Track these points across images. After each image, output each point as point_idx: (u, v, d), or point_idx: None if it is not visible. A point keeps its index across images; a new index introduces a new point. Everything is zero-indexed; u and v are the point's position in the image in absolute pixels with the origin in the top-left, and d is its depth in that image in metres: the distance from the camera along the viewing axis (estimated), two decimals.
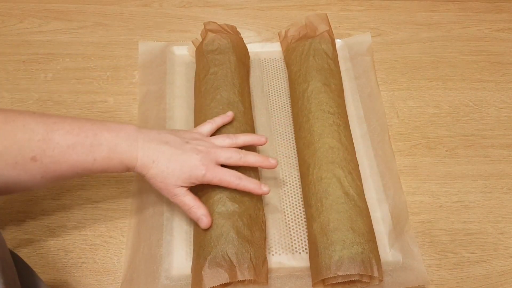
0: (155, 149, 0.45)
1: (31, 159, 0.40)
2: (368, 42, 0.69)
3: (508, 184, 0.59)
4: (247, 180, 0.48)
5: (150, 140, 0.45)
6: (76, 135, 0.42)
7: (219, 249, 0.45)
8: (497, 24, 0.77)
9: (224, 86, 0.57)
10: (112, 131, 0.44)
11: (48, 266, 0.49)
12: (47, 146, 0.40)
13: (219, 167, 0.47)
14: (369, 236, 0.48)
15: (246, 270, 0.45)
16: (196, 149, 0.46)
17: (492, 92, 0.68)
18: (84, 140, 0.42)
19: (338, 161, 0.52)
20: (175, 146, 0.46)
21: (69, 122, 0.42)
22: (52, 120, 0.42)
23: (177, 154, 0.45)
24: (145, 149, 0.44)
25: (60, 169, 0.41)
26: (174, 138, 0.47)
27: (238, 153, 0.48)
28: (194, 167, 0.45)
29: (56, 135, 0.41)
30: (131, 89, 0.64)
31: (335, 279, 0.46)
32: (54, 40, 0.69)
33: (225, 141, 0.50)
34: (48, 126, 0.41)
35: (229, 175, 0.47)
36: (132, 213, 0.53)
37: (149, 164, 0.45)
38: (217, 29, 0.63)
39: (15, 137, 0.39)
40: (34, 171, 0.40)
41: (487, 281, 0.52)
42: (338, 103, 0.58)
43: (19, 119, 0.40)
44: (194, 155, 0.46)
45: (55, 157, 0.41)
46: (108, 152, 0.43)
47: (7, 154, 0.39)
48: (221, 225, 0.47)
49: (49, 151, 0.40)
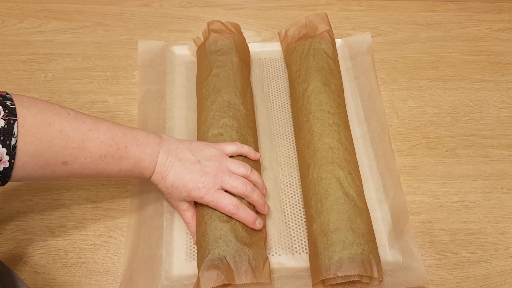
0: (168, 166, 0.47)
1: (62, 163, 0.41)
2: (368, 42, 0.69)
3: (508, 184, 0.59)
4: (244, 213, 0.48)
5: (167, 155, 0.47)
6: (110, 147, 0.43)
7: (216, 252, 0.45)
8: (497, 24, 0.77)
9: (226, 88, 0.57)
10: (140, 145, 0.46)
11: (48, 266, 0.49)
12: (80, 154, 0.42)
13: (220, 192, 0.48)
14: (369, 236, 0.48)
15: (244, 274, 0.45)
16: (203, 171, 0.48)
17: (492, 92, 0.68)
18: (115, 152, 0.44)
19: (338, 161, 0.52)
20: (185, 165, 0.47)
21: (104, 130, 0.44)
22: (88, 127, 0.42)
23: (183, 174, 0.47)
24: (160, 165, 0.47)
25: (87, 173, 0.44)
26: (188, 155, 0.48)
27: (246, 186, 0.49)
28: (194, 189, 0.47)
29: (90, 144, 0.42)
30: (131, 89, 0.64)
31: (335, 280, 0.46)
32: (54, 40, 0.69)
33: (240, 169, 0.50)
34: (83, 134, 0.42)
35: (226, 203, 0.47)
36: (132, 213, 0.53)
37: (159, 180, 0.47)
38: (220, 29, 0.63)
39: (51, 143, 0.40)
40: (62, 173, 0.42)
41: (487, 281, 0.52)
42: (338, 103, 0.58)
43: (56, 123, 0.40)
44: (198, 176, 0.47)
45: (86, 164, 0.43)
46: (133, 165, 0.46)
47: (40, 156, 0.40)
48: (220, 228, 0.47)
49: (82, 158, 0.42)
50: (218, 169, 0.48)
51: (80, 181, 0.55)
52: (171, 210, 0.53)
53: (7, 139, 0.37)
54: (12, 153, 0.38)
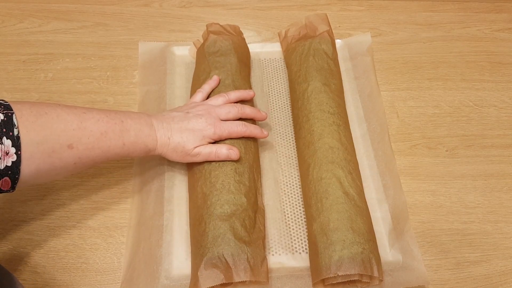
0: (167, 127, 0.50)
1: (68, 147, 0.42)
2: (368, 42, 0.69)
3: (508, 184, 0.59)
4: (252, 127, 0.53)
5: (161, 121, 0.50)
6: (107, 123, 0.45)
7: (215, 250, 0.45)
8: (497, 24, 0.77)
9: (224, 89, 0.57)
10: (134, 118, 0.48)
11: (48, 266, 0.49)
12: (82, 134, 0.43)
13: (224, 122, 0.52)
14: (369, 236, 0.48)
15: (243, 271, 0.45)
16: (198, 115, 0.51)
17: (492, 92, 0.68)
18: (114, 127, 0.46)
19: (338, 161, 0.52)
20: (180, 119, 0.51)
21: (96, 111, 0.46)
22: (81, 111, 0.45)
23: (184, 124, 0.50)
24: (160, 130, 0.49)
25: (93, 154, 0.45)
26: (176, 113, 0.52)
27: (235, 106, 0.53)
28: (203, 129, 0.51)
29: (89, 123, 0.44)
30: (131, 89, 0.64)
31: (335, 279, 0.46)
32: (54, 40, 0.69)
33: (219, 100, 0.54)
34: (79, 116, 0.44)
35: (235, 125, 0.52)
36: (132, 213, 0.53)
37: (166, 141, 0.49)
38: (219, 31, 0.63)
39: (52, 128, 0.41)
40: (69, 158, 0.43)
41: (487, 281, 0.52)
42: (338, 103, 0.58)
43: (51, 111, 0.42)
44: (198, 119, 0.51)
45: (90, 143, 0.44)
46: (135, 136, 0.47)
47: (46, 143, 0.41)
48: (218, 227, 0.47)
49: (85, 138, 0.43)
50: (208, 108, 0.53)
51: (80, 181, 0.55)
52: (171, 209, 0.53)
53: (9, 130, 0.38)
54: (17, 144, 0.38)
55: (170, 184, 0.55)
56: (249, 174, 0.52)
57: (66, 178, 0.55)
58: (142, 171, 0.56)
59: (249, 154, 0.53)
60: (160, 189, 0.54)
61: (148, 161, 0.57)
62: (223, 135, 0.52)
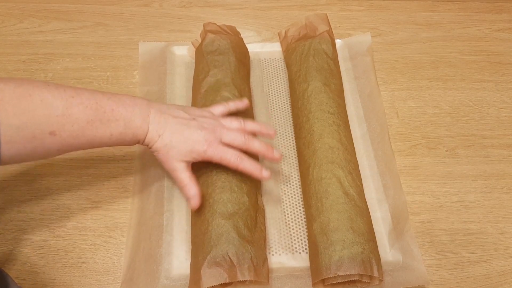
0: (163, 123, 0.46)
1: (50, 134, 0.40)
2: (368, 42, 0.69)
3: (508, 184, 0.59)
4: (248, 162, 0.48)
5: (160, 114, 0.47)
6: (95, 110, 0.42)
7: (219, 249, 0.45)
8: (497, 24, 0.77)
9: (224, 87, 0.57)
10: (128, 106, 0.45)
11: (48, 266, 0.49)
12: (66, 121, 0.41)
13: (221, 146, 0.48)
14: (369, 236, 0.48)
15: (247, 271, 0.45)
16: (201, 126, 0.47)
17: (492, 92, 0.68)
18: (102, 116, 0.43)
19: (338, 161, 0.52)
20: (181, 121, 0.47)
21: (87, 96, 0.43)
22: (70, 94, 0.42)
23: (182, 129, 0.47)
24: (155, 123, 0.46)
25: (78, 143, 0.42)
26: (182, 113, 0.48)
27: (244, 136, 0.49)
28: (196, 142, 0.46)
29: (75, 110, 0.41)
30: (131, 89, 0.64)
31: (335, 279, 0.46)
32: (54, 40, 0.69)
33: (233, 123, 0.50)
34: (66, 101, 0.41)
35: (230, 154, 0.47)
36: (132, 213, 0.53)
37: (155, 137, 0.46)
38: (216, 30, 0.63)
39: (34, 113, 0.39)
40: (52, 144, 0.41)
41: (487, 281, 0.52)
42: (338, 103, 0.58)
43: (36, 93, 0.39)
44: (198, 131, 0.47)
45: (74, 131, 0.41)
46: (124, 127, 0.44)
47: (26, 129, 0.39)
48: (222, 225, 0.47)
49: (69, 126, 0.41)
50: (215, 124, 0.49)
51: (80, 181, 0.55)
52: (171, 209, 0.53)
53: None
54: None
55: (170, 184, 0.55)
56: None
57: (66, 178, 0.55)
58: (143, 171, 0.56)
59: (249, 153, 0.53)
60: (160, 189, 0.54)
61: (148, 161, 0.57)
62: (214, 158, 0.47)
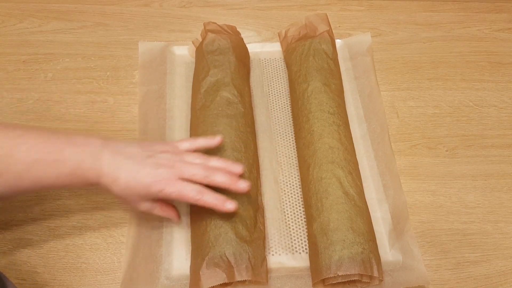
0: (118, 165, 0.43)
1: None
2: (368, 42, 0.69)
3: (508, 184, 0.59)
4: (209, 196, 0.45)
5: (115, 155, 0.44)
6: (40, 150, 0.41)
7: (217, 249, 0.45)
8: (497, 24, 0.77)
9: (224, 87, 0.57)
10: (78, 146, 0.43)
11: (48, 266, 0.49)
12: (10, 161, 0.40)
13: (180, 182, 0.44)
14: (369, 236, 0.48)
15: (244, 271, 0.45)
16: (157, 164, 0.44)
17: (492, 92, 0.68)
18: (47, 156, 0.41)
19: (338, 161, 0.52)
20: (137, 160, 0.44)
21: (35, 135, 0.41)
22: (17, 134, 0.41)
23: (137, 170, 0.43)
24: (109, 165, 0.43)
25: (22, 185, 0.41)
26: (139, 151, 0.45)
27: (206, 170, 0.45)
28: (152, 183, 0.43)
29: (20, 149, 0.40)
30: (131, 89, 0.64)
31: (335, 279, 0.46)
32: (54, 40, 0.69)
33: (196, 160, 0.47)
34: (12, 140, 0.40)
35: (189, 190, 0.44)
36: (132, 213, 0.53)
37: (110, 182, 0.43)
38: (217, 30, 0.63)
39: None
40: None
41: (487, 281, 0.52)
42: (338, 103, 0.58)
43: None
44: (153, 170, 0.44)
45: (18, 173, 0.40)
46: (73, 168, 0.42)
47: None
48: (220, 226, 0.47)
49: (13, 166, 0.40)
50: (174, 159, 0.45)
51: None
52: None
53: None
54: None
55: None
56: (248, 174, 0.52)
57: None
58: None
59: (249, 153, 0.53)
60: None
61: None
62: (172, 195, 0.44)
